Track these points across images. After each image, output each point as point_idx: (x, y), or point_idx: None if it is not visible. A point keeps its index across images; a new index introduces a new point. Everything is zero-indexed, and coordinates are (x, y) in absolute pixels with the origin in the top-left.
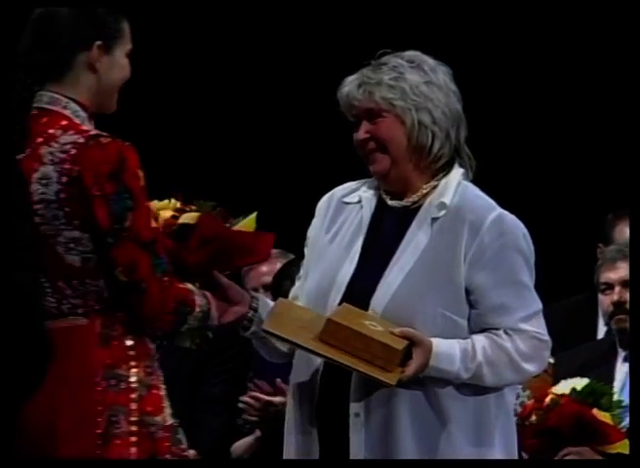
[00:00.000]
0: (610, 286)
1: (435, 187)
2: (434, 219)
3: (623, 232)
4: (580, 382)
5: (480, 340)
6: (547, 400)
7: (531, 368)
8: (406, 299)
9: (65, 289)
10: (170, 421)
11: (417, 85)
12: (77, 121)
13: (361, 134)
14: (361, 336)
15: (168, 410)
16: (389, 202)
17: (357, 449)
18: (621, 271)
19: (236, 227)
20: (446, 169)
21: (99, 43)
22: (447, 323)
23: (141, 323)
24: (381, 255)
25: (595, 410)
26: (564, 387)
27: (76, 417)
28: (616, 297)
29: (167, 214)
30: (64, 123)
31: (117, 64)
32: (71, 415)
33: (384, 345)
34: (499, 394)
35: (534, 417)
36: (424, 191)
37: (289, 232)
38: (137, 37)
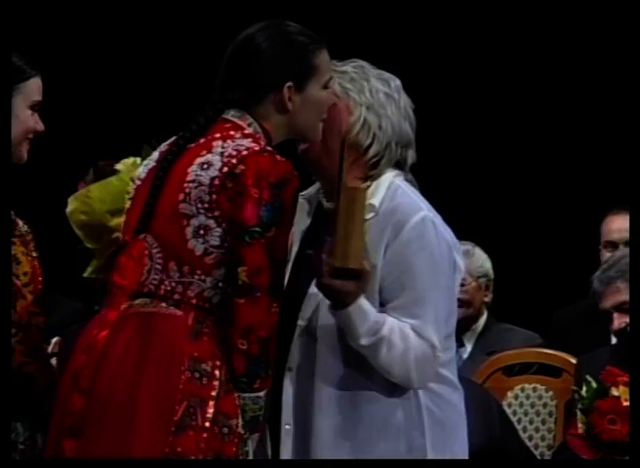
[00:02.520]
0: (609, 312)
1: (367, 188)
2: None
3: (611, 223)
4: None
5: (391, 320)
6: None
7: (414, 375)
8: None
9: (174, 271)
10: (241, 430)
11: (377, 90)
12: (256, 135)
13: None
14: (357, 224)
15: (240, 420)
16: (325, 204)
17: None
18: (611, 298)
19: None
20: (380, 174)
21: (290, 84)
22: None
23: (230, 332)
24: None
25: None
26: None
27: (156, 401)
28: (615, 325)
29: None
30: (247, 132)
31: (312, 100)
32: (152, 398)
33: (360, 251)
34: (424, 396)
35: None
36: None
37: None
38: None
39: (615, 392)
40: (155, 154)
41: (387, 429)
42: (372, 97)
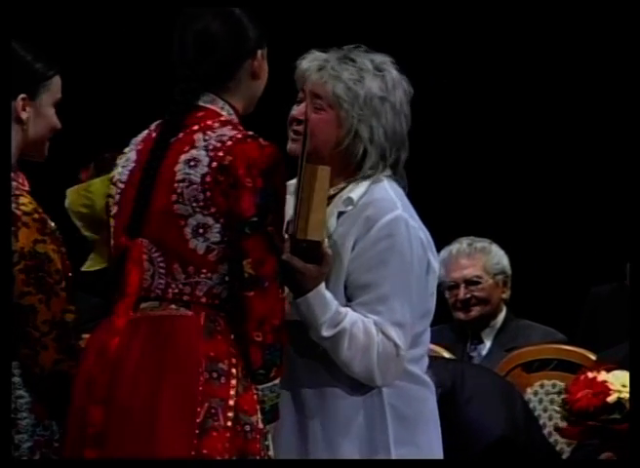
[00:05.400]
0: None
1: (351, 183)
2: (341, 213)
3: None
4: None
5: (353, 314)
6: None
7: (377, 373)
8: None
9: (179, 273)
10: (262, 425)
11: (371, 97)
12: (233, 120)
13: (298, 112)
14: (318, 199)
15: (260, 415)
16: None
17: None
18: None
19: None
20: (376, 175)
21: (260, 51)
22: None
23: (244, 326)
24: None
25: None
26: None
27: (178, 404)
28: None
29: None
30: (223, 118)
31: (266, 68)
32: (174, 402)
33: (321, 225)
34: (388, 393)
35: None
36: (341, 186)
37: None
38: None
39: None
40: (132, 154)
41: (349, 427)
42: (365, 106)
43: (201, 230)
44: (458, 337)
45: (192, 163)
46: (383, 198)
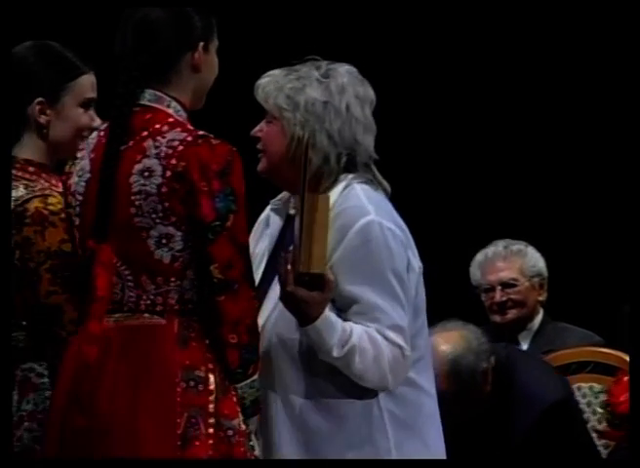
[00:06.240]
0: None
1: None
2: None
3: None
4: None
5: (357, 327)
6: None
7: (390, 378)
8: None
9: (148, 284)
10: (244, 427)
11: (312, 102)
12: (180, 120)
13: (255, 130)
14: (320, 230)
15: (241, 416)
16: (290, 210)
17: None
18: None
19: None
20: (329, 185)
21: (202, 43)
22: None
23: (218, 330)
24: (275, 265)
25: None
26: None
27: (157, 417)
28: None
29: None
30: (171, 120)
31: (213, 63)
32: (153, 415)
33: (325, 256)
34: (384, 400)
35: None
36: None
37: None
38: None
39: None
40: (85, 163)
41: (351, 435)
42: (307, 112)
43: (164, 240)
44: (494, 340)
45: (146, 173)
46: (355, 205)
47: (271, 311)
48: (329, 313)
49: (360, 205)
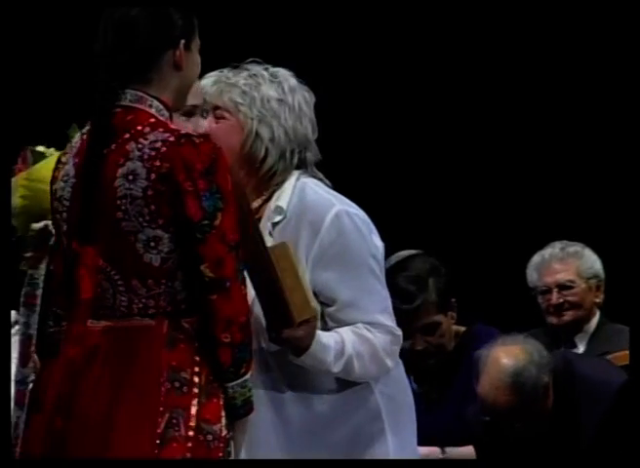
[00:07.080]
0: None
1: (274, 192)
2: (274, 224)
3: None
4: None
5: (347, 333)
6: None
7: (389, 362)
8: (258, 312)
9: (139, 288)
10: (225, 432)
11: (268, 99)
12: (162, 119)
13: (204, 128)
14: (295, 276)
15: (224, 421)
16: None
17: None
18: None
19: None
20: (280, 181)
21: (183, 41)
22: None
23: (211, 329)
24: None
25: None
26: None
27: (137, 414)
28: None
29: None
30: (152, 121)
31: (195, 61)
32: (132, 412)
33: (307, 300)
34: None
35: None
36: (264, 197)
37: None
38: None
39: None
40: (70, 168)
41: (347, 420)
42: (263, 108)
43: (152, 243)
44: (551, 342)
45: (130, 177)
46: (318, 198)
47: (251, 303)
48: (319, 335)
49: (321, 197)
